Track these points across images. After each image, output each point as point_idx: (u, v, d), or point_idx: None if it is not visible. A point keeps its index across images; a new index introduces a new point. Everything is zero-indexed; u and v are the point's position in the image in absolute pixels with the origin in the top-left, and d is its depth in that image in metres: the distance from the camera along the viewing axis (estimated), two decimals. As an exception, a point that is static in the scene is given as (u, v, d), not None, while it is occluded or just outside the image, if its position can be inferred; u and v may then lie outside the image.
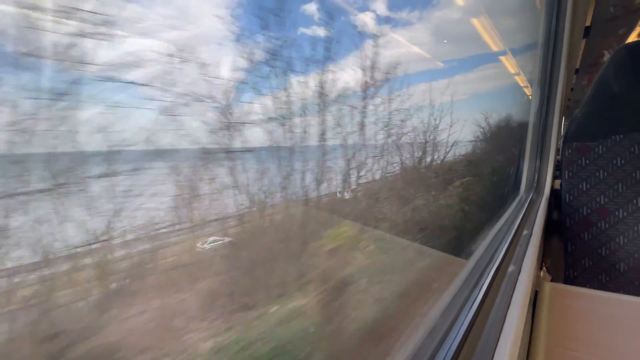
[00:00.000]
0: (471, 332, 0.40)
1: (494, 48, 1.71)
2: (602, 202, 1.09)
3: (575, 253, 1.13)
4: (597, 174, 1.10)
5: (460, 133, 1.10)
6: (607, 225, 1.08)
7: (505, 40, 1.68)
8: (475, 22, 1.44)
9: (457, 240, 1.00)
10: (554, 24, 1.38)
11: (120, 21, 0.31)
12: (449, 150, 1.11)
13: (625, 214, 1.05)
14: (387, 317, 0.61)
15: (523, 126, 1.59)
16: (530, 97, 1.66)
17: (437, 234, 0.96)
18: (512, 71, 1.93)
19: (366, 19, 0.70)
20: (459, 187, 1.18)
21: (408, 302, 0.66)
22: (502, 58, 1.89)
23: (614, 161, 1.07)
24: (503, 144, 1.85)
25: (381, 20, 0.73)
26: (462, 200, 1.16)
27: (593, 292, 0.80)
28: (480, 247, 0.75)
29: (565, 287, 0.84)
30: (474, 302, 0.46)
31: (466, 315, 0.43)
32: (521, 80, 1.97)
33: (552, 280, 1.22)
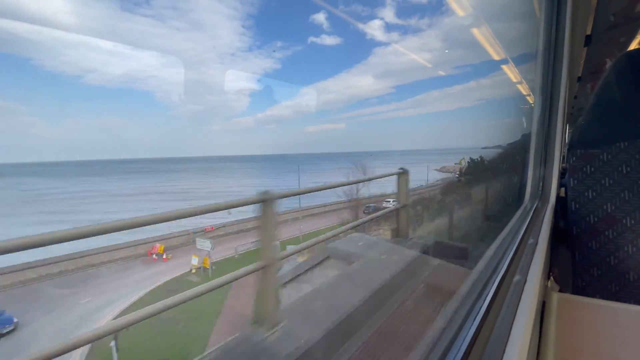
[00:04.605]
0: (475, 346, 0.39)
1: (496, 57, 1.72)
2: (609, 210, 1.07)
3: (583, 262, 1.10)
4: (603, 181, 1.09)
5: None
6: (614, 234, 1.05)
7: (507, 49, 1.69)
8: (476, 31, 1.44)
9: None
10: (554, 32, 1.38)
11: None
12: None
13: (632, 221, 1.03)
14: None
15: (527, 134, 1.58)
16: (532, 104, 1.65)
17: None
18: (515, 79, 1.93)
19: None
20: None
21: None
22: (505, 67, 1.89)
23: (620, 168, 1.06)
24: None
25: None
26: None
27: (602, 302, 0.78)
28: (484, 257, 0.74)
29: (573, 297, 0.82)
30: (477, 313, 0.45)
31: (469, 328, 0.42)
32: (524, 89, 1.97)
33: (560, 291, 1.19)
